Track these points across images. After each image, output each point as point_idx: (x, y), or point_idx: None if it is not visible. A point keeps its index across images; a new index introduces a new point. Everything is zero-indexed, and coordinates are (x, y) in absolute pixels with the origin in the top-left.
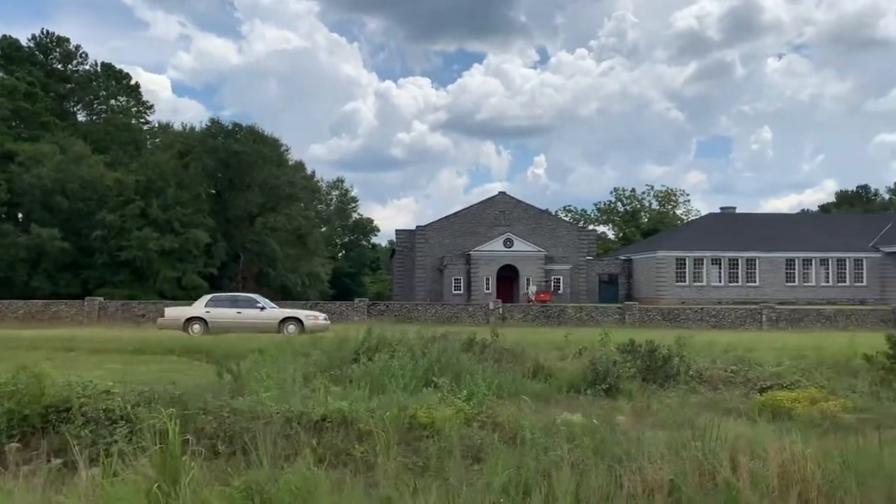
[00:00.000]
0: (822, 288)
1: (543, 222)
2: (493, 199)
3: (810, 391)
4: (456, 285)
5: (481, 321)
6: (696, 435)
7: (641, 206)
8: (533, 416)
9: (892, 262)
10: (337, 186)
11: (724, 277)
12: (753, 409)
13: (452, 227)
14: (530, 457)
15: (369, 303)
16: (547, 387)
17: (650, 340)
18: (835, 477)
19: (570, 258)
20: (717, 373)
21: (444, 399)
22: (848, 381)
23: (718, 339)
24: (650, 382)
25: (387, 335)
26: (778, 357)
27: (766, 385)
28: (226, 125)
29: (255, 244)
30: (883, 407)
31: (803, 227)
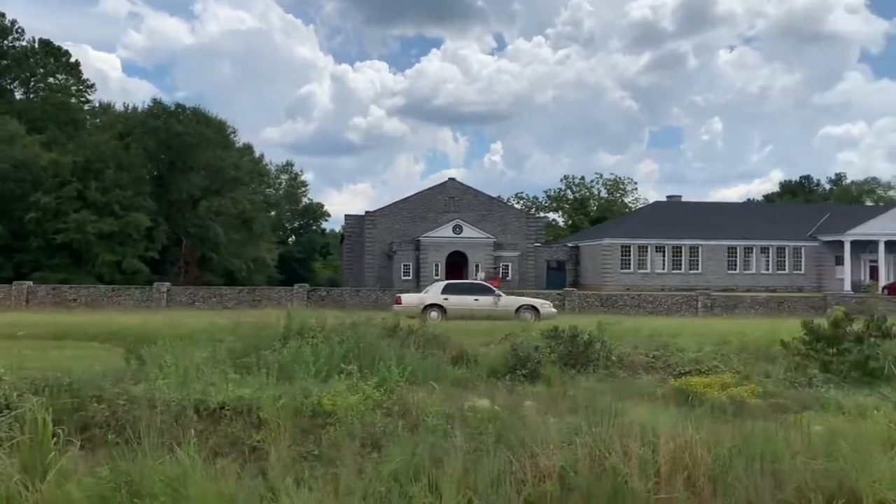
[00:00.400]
0: (762, 275)
1: (493, 209)
2: (443, 185)
3: (723, 377)
4: (405, 271)
5: None
6: (595, 421)
7: (590, 194)
8: (445, 402)
9: (828, 251)
10: (286, 170)
11: (668, 265)
12: (667, 394)
13: (402, 213)
14: (427, 444)
15: (309, 289)
16: (469, 373)
17: (573, 326)
18: (724, 461)
19: (519, 245)
20: (638, 358)
21: (352, 386)
22: (765, 366)
23: (646, 325)
24: (571, 368)
25: (310, 321)
26: (701, 343)
27: (684, 370)
28: (168, 106)
29: (199, 228)
30: (793, 392)
31: (745, 217)
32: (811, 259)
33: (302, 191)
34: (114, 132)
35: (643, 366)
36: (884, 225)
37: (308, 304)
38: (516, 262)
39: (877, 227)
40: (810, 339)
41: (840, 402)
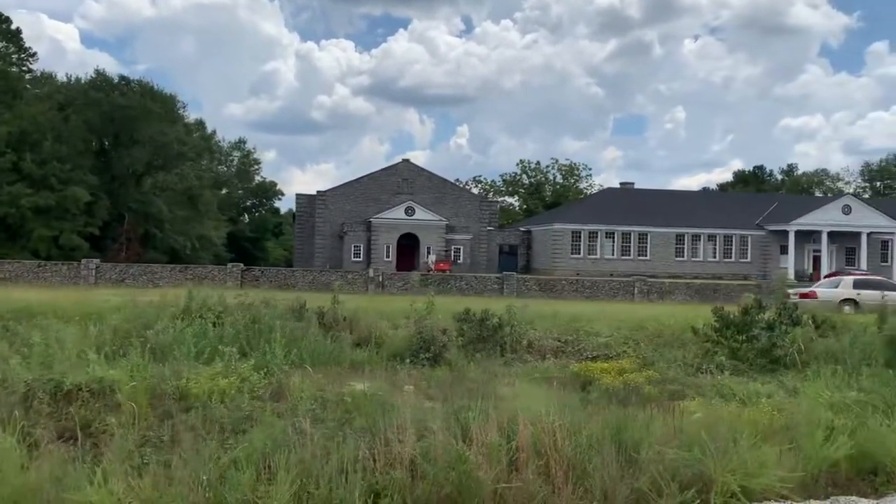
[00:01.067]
0: (709, 263)
1: (447, 192)
2: (396, 166)
3: (623, 362)
4: (355, 252)
5: (360, 289)
6: (468, 406)
7: (546, 179)
8: (327, 386)
9: (774, 240)
10: (239, 147)
11: (617, 251)
12: (565, 379)
13: (354, 194)
14: (284, 428)
15: (243, 268)
16: (373, 355)
17: (485, 310)
18: (584, 449)
19: (472, 228)
20: (549, 343)
21: (228, 369)
22: (676, 352)
23: (568, 310)
24: (479, 351)
25: (211, 300)
26: (618, 328)
27: (592, 355)
28: (112, 78)
29: (142, 204)
30: (693, 379)
31: (695, 205)
32: (757, 248)
33: (255, 168)
34: (53, 103)
35: (553, 350)
36: (827, 216)
37: (242, 284)
38: (468, 245)
39: (820, 218)
40: (720, 326)
41: (736, 388)
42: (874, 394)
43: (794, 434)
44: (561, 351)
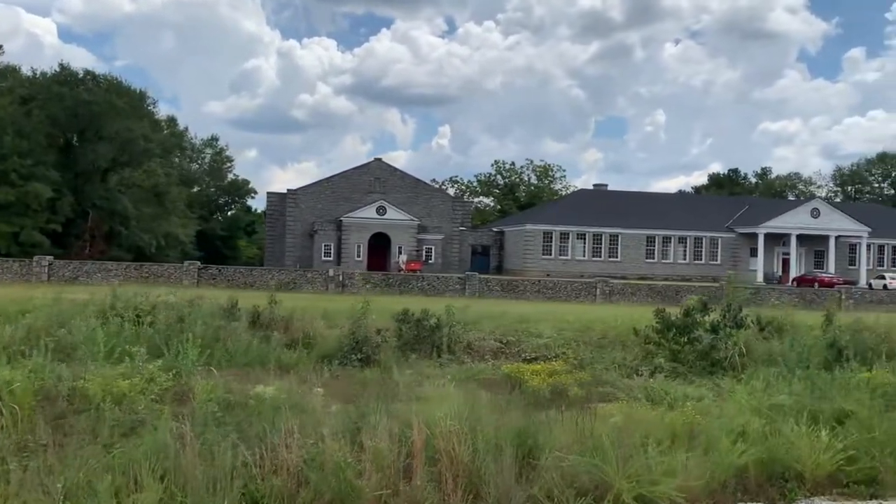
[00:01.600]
0: (679, 265)
1: (420, 191)
2: (369, 165)
3: (555, 364)
4: (326, 252)
5: (320, 288)
6: (374, 410)
7: (521, 180)
8: (237, 387)
9: (744, 243)
10: (211, 145)
11: (588, 252)
12: (496, 380)
13: (325, 193)
14: (167, 434)
15: (200, 266)
16: (302, 356)
17: (424, 310)
18: (482, 455)
19: (444, 228)
20: (490, 344)
21: (133, 369)
22: (617, 354)
23: (519, 310)
24: (415, 352)
25: (137, 299)
26: (565, 329)
27: (531, 356)
28: (76, 72)
29: (107, 201)
30: (627, 381)
31: (668, 207)
32: (727, 250)
33: (227, 166)
34: (15, 97)
35: (493, 351)
36: (796, 219)
37: (199, 283)
38: (440, 245)
39: (789, 221)
40: (661, 328)
41: (668, 391)
42: (799, 397)
43: (709, 439)
44: (501, 352)
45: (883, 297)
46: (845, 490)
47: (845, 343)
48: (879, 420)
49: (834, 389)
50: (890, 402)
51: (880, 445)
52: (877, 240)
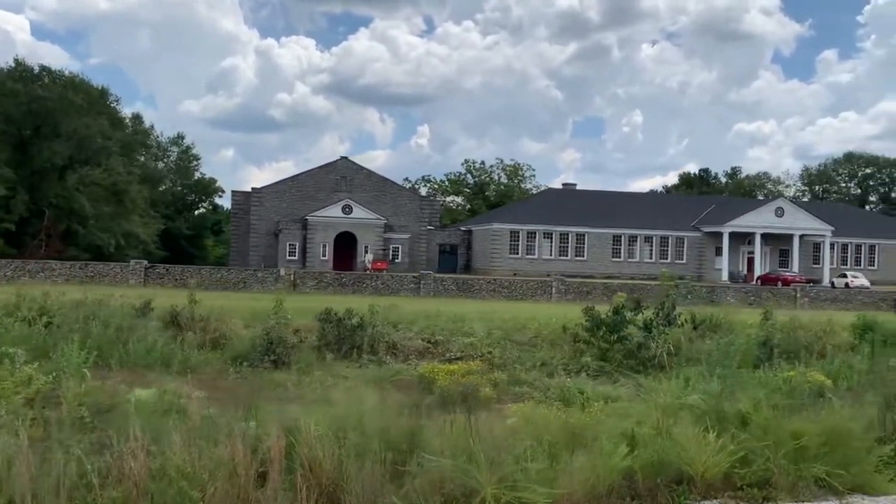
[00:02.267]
0: (646, 264)
1: (387, 190)
2: (335, 164)
3: (472, 364)
4: (291, 251)
5: (270, 288)
6: (251, 416)
7: (490, 180)
8: (126, 391)
9: (709, 242)
10: (177, 143)
11: (555, 251)
12: (410, 382)
13: (290, 192)
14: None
15: (147, 265)
16: (212, 357)
17: (349, 309)
18: (349, 461)
19: (411, 227)
20: (417, 344)
21: (13, 372)
22: (546, 353)
23: (458, 309)
24: (337, 353)
25: (45, 299)
26: (498, 328)
27: (456, 356)
28: (32, 68)
29: (64, 199)
30: (547, 381)
31: (635, 207)
32: (693, 249)
33: (194, 164)
34: None
35: (419, 351)
36: (760, 218)
37: (146, 282)
38: (407, 244)
39: (754, 220)
40: (590, 326)
41: (586, 391)
42: (710, 397)
43: (603, 441)
44: (427, 352)
45: (837, 296)
46: (738, 493)
47: (777, 341)
48: (776, 421)
49: (752, 389)
50: (795, 401)
51: (775, 446)
52: (841, 239)
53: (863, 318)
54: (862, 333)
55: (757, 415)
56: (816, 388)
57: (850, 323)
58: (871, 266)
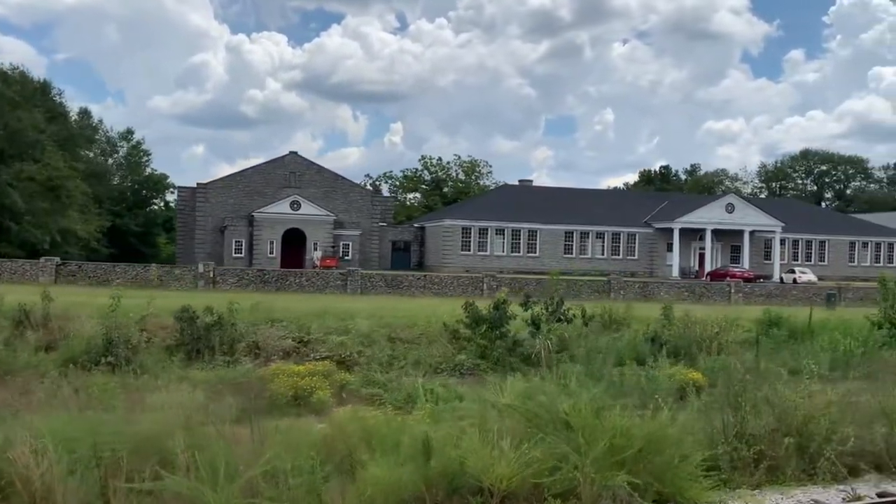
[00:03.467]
0: (597, 260)
1: (338, 186)
2: (283, 159)
3: (319, 365)
4: (237, 248)
5: (188, 285)
6: None
7: (448, 176)
8: None
9: (661, 238)
10: (127, 138)
11: (507, 247)
12: (251, 383)
13: (237, 187)
14: None
15: (59, 263)
16: (48, 359)
17: (208, 307)
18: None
19: (363, 224)
20: (285, 343)
21: None
22: (426, 350)
23: (350, 306)
24: (190, 353)
25: None
26: (384, 326)
27: (322, 356)
28: None
29: None
30: (402, 380)
31: (589, 203)
32: (645, 245)
33: (146, 160)
34: None
35: (285, 351)
36: (711, 214)
37: (57, 280)
38: (358, 241)
39: (704, 216)
40: (470, 322)
41: (436, 390)
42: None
43: (408, 448)
44: (295, 352)
45: (772, 291)
46: None
47: (667, 338)
48: (597, 424)
49: (625, 387)
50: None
51: (585, 453)
52: (792, 235)
53: (768, 314)
54: (767, 329)
55: (576, 417)
56: (683, 387)
57: (755, 318)
58: (821, 262)
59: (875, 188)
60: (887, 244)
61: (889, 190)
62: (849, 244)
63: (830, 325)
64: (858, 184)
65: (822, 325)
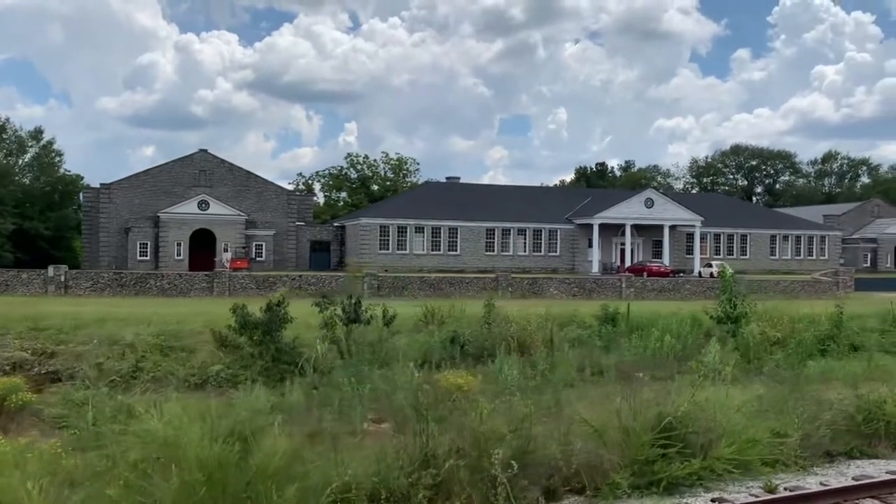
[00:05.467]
0: (519, 257)
1: (251, 185)
2: (193, 157)
3: (14, 379)
4: (142, 250)
5: (37, 290)
6: None
7: (374, 174)
8: None
9: (582, 234)
10: (36, 137)
11: (427, 245)
12: None
13: (144, 187)
14: None
15: None
16: None
17: None
18: None
19: (278, 223)
20: (15, 355)
21: None
22: (191, 357)
23: (164, 312)
24: None
25: None
26: (159, 333)
27: (53, 370)
28: None
29: None
30: (119, 397)
31: (513, 200)
32: (566, 241)
33: (57, 161)
34: None
35: (14, 364)
36: (630, 209)
37: None
38: (272, 241)
39: (623, 211)
40: (239, 328)
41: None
42: None
43: None
44: (25, 364)
45: (664, 286)
46: None
47: (468, 337)
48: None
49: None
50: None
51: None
52: (714, 229)
53: (604, 309)
54: (601, 325)
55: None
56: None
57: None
58: (743, 255)
59: (803, 182)
60: (807, 237)
61: (816, 184)
62: (770, 237)
63: (670, 321)
64: (787, 178)
65: (667, 318)
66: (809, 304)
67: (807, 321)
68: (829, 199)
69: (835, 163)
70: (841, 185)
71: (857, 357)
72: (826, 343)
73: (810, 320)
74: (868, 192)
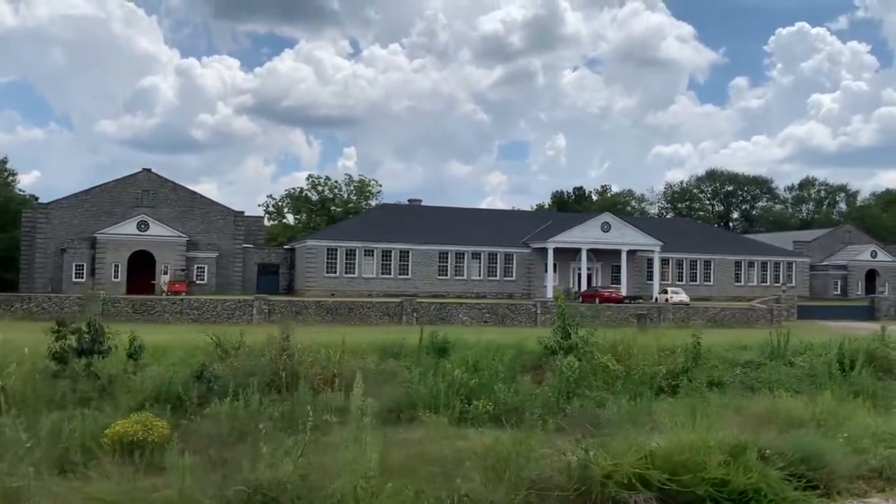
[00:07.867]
0: (473, 281)
1: (195, 205)
2: (136, 176)
3: None
4: (78, 272)
5: None
6: None
7: (334, 195)
8: None
9: (538, 258)
10: None
11: (377, 269)
12: None
13: (83, 206)
14: None
15: None
16: None
17: None
18: None
19: (223, 245)
20: None
21: None
22: None
23: None
24: None
25: None
26: None
27: None
28: None
29: None
30: None
31: (471, 222)
32: (522, 266)
33: (12, 180)
34: None
35: None
36: (586, 233)
37: None
38: (214, 264)
39: (579, 235)
40: None
41: None
42: None
43: None
44: None
45: (583, 312)
46: None
47: (218, 373)
48: None
49: None
50: None
51: None
52: (676, 254)
53: (433, 337)
54: (427, 353)
55: None
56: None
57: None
58: (706, 281)
59: (780, 208)
60: (773, 263)
61: (794, 210)
62: (735, 263)
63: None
64: (765, 204)
65: (504, 349)
66: (731, 333)
67: (681, 352)
68: (805, 226)
69: (812, 189)
70: (819, 211)
71: (708, 394)
72: (678, 378)
73: (682, 351)
74: (845, 219)
